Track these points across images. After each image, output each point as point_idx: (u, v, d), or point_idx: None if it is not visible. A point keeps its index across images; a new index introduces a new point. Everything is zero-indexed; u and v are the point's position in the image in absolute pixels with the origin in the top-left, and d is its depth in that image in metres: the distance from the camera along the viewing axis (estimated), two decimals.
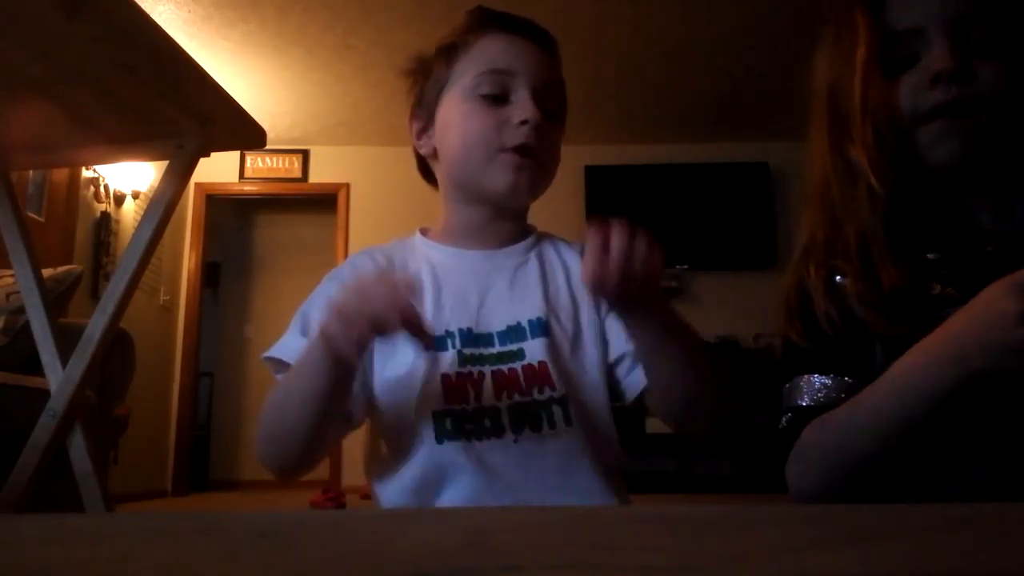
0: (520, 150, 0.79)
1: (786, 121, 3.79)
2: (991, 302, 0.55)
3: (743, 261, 4.72)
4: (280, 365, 0.79)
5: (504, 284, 0.82)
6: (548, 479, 0.73)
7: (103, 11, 0.96)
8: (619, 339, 0.80)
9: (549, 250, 0.87)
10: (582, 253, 0.85)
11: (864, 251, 0.69)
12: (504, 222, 0.86)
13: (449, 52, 0.84)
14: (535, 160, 0.80)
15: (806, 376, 0.71)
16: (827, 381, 0.69)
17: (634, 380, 0.79)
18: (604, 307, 0.82)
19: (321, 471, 4.78)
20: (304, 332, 0.79)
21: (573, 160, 4.65)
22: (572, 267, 0.85)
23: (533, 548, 0.29)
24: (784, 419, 0.71)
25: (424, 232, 0.89)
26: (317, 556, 0.27)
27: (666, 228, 4.79)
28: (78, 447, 1.25)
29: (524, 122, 0.78)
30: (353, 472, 4.51)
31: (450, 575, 0.24)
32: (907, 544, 0.29)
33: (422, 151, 0.88)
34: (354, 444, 0.86)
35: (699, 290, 4.74)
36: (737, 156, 4.86)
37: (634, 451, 0.85)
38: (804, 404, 0.69)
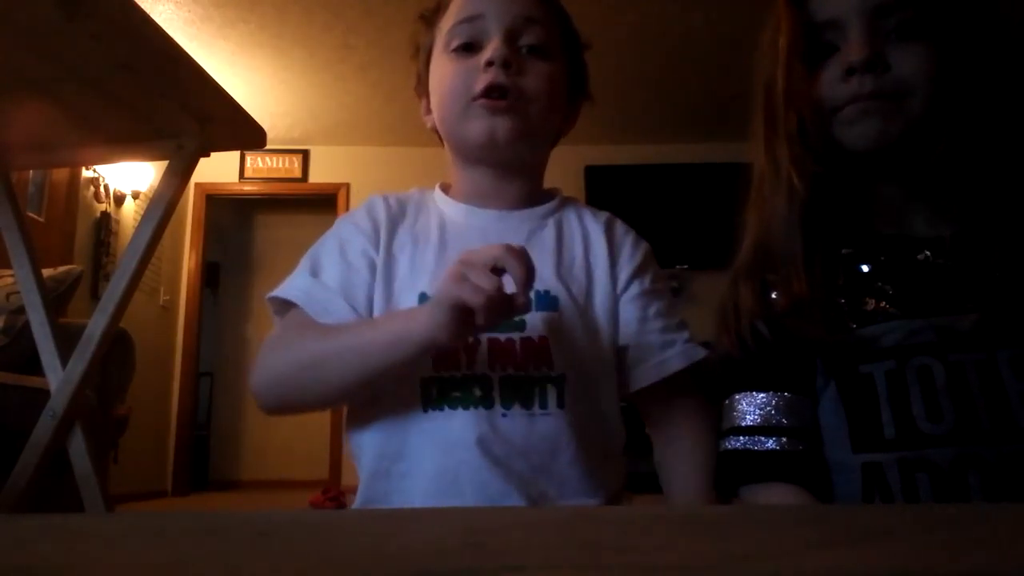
0: (489, 93, 0.74)
1: None
2: None
3: None
4: (283, 306, 0.77)
5: None
6: (531, 459, 0.70)
7: (103, 11, 0.96)
8: (628, 327, 0.77)
9: (571, 217, 0.83)
10: (607, 224, 0.83)
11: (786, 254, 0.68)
12: (511, 184, 0.81)
13: (430, 17, 0.83)
14: (512, 101, 0.75)
15: (744, 393, 0.69)
16: (764, 397, 0.68)
17: (638, 376, 0.77)
18: (622, 285, 0.79)
19: (321, 471, 4.78)
20: (313, 273, 0.77)
21: (573, 160, 4.66)
22: (593, 238, 0.81)
23: (533, 548, 0.29)
24: (729, 442, 0.69)
25: (444, 188, 0.85)
26: (317, 556, 0.27)
27: (666, 228, 4.79)
28: (78, 447, 1.25)
29: (489, 62, 0.74)
30: (353, 472, 4.51)
31: (450, 575, 0.24)
32: (907, 544, 0.29)
33: (428, 125, 0.85)
34: None
35: (699, 290, 4.73)
36: (737, 156, 4.82)
37: (634, 451, 0.83)
38: (745, 424, 0.68)
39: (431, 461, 0.70)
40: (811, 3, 0.69)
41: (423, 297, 0.73)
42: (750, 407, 0.68)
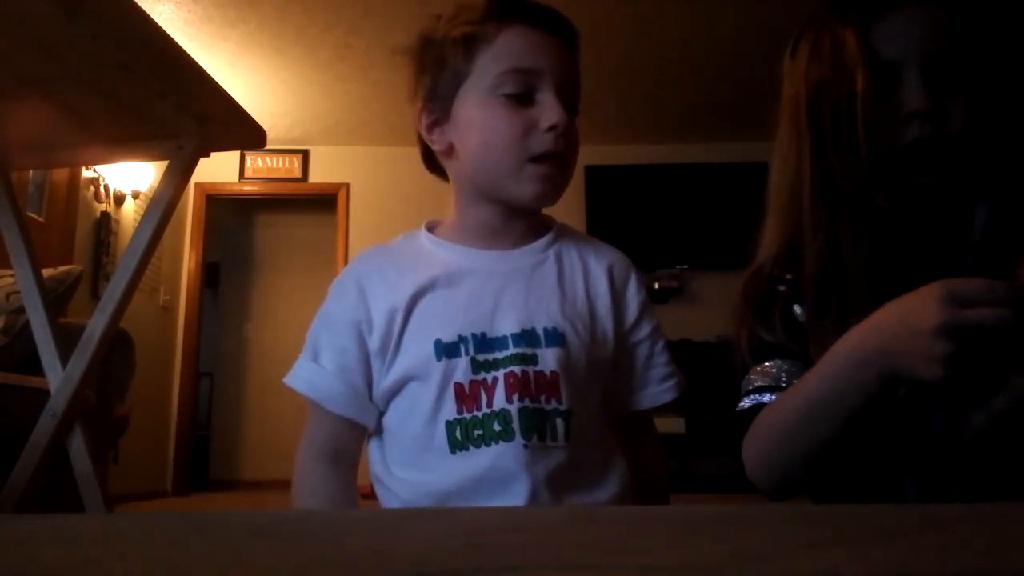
0: (548, 158, 0.75)
1: None
2: (919, 308, 0.54)
3: (743, 261, 4.70)
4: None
5: (520, 287, 0.78)
6: (546, 492, 0.71)
7: (103, 11, 0.96)
8: (639, 362, 0.83)
9: (570, 251, 0.83)
10: (608, 264, 0.83)
11: (827, 272, 0.70)
12: (519, 221, 0.82)
13: (468, 44, 0.77)
14: (563, 165, 0.77)
15: (764, 363, 0.74)
16: (769, 364, 0.73)
17: (638, 400, 0.83)
18: (630, 322, 0.82)
19: None
20: (314, 358, 0.78)
21: None
22: (594, 276, 0.82)
23: (533, 548, 0.29)
24: (745, 400, 0.74)
25: (431, 228, 0.85)
26: (317, 556, 0.27)
27: (666, 228, 4.79)
28: (78, 447, 1.25)
29: (552, 127, 0.74)
30: None
31: (450, 575, 0.24)
32: (907, 544, 0.29)
33: (435, 147, 0.82)
34: None
35: (699, 290, 4.74)
36: (737, 156, 4.86)
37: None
38: (762, 384, 0.72)
39: (465, 501, 0.72)
40: (872, 38, 0.69)
41: (438, 344, 0.74)
42: (760, 375, 0.73)
